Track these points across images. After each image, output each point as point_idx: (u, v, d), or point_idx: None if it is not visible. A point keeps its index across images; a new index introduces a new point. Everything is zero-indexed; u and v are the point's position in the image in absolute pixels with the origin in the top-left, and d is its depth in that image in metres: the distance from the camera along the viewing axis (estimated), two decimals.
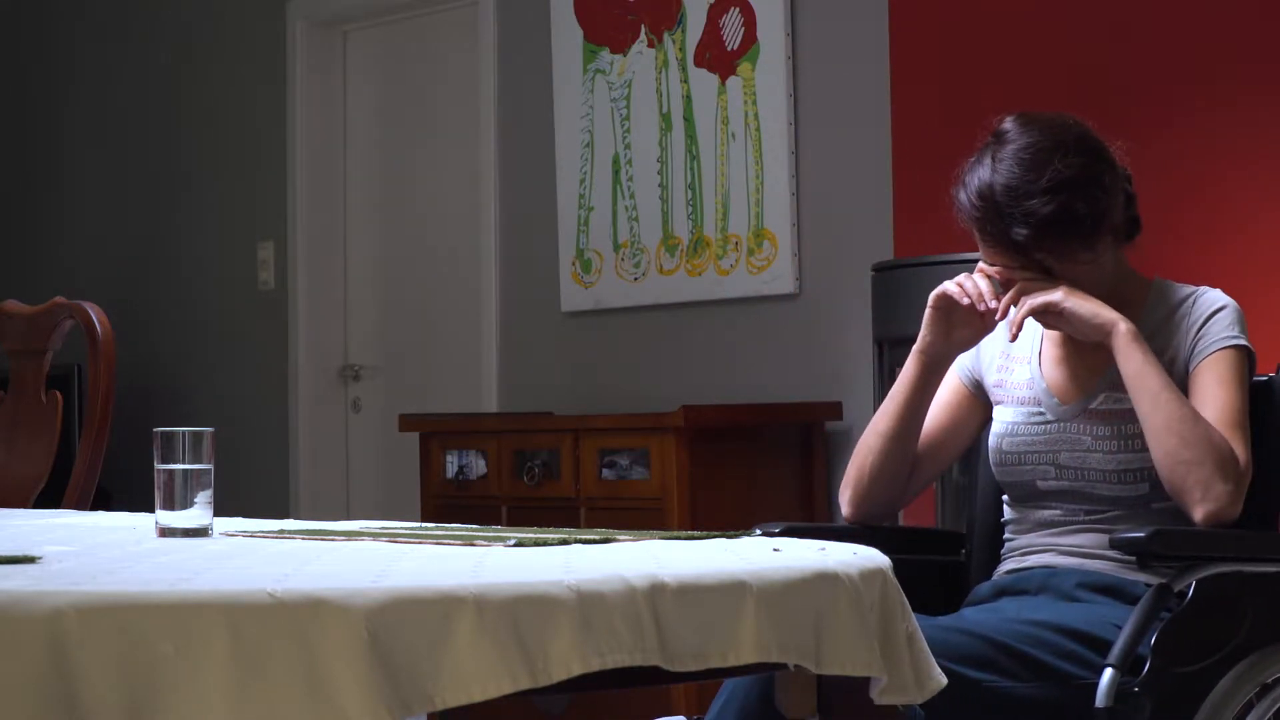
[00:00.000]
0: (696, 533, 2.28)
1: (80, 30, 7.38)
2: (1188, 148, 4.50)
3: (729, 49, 5.42)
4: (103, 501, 3.86)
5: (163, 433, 2.19)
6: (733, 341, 5.48)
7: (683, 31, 5.53)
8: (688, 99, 5.52)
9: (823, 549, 2.05)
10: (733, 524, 4.24)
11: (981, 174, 2.74)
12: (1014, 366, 2.90)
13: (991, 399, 2.92)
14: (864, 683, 1.97)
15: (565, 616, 1.67)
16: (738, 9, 5.39)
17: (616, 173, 5.69)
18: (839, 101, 5.23)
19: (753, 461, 5.08)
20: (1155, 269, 2.91)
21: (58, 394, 3.41)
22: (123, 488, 5.93)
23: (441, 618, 1.60)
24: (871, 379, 4.70)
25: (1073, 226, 2.70)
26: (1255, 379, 2.79)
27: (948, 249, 4.42)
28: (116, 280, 7.10)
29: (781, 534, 2.67)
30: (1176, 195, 4.49)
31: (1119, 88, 4.62)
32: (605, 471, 5.02)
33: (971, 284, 2.78)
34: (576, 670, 1.67)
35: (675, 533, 2.30)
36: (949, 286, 2.81)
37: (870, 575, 1.97)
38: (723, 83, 5.43)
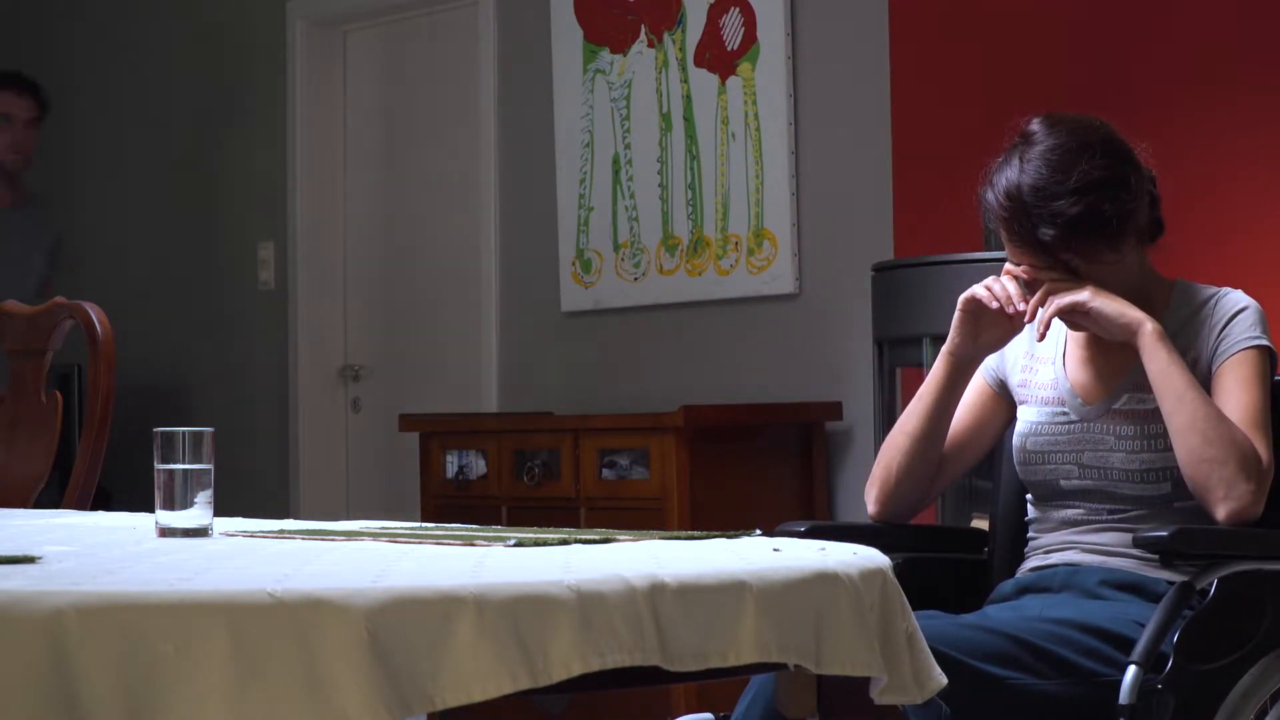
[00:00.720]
0: (696, 533, 2.28)
1: (80, 30, 7.38)
2: (1189, 148, 4.49)
3: (729, 49, 5.42)
4: (103, 501, 3.85)
5: (163, 433, 2.19)
6: (733, 341, 5.47)
7: (683, 31, 5.53)
8: (688, 99, 5.52)
9: (823, 549, 2.05)
10: (733, 524, 4.23)
11: (1009, 174, 2.76)
12: (1038, 367, 2.92)
13: (1015, 399, 2.95)
14: (864, 683, 1.97)
15: (565, 616, 1.67)
16: (738, 9, 5.39)
17: (616, 173, 5.69)
18: (839, 101, 5.23)
19: (753, 461, 5.08)
20: (1159, 268, 2.91)
21: (58, 394, 3.40)
22: (123, 488, 5.92)
23: (441, 618, 1.60)
24: (871, 379, 4.70)
25: (1099, 227, 2.72)
26: (1277, 379, 2.80)
27: (948, 249, 4.42)
28: (117, 280, 7.10)
29: (806, 533, 2.69)
30: (1176, 195, 4.48)
31: (1120, 88, 4.62)
32: (605, 471, 5.02)
33: (1000, 287, 2.80)
34: (576, 670, 1.67)
35: (675, 533, 2.30)
36: (978, 290, 2.82)
37: (870, 575, 1.97)
38: (723, 83, 5.43)
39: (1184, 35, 4.57)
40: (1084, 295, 2.74)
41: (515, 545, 2.04)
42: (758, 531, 2.51)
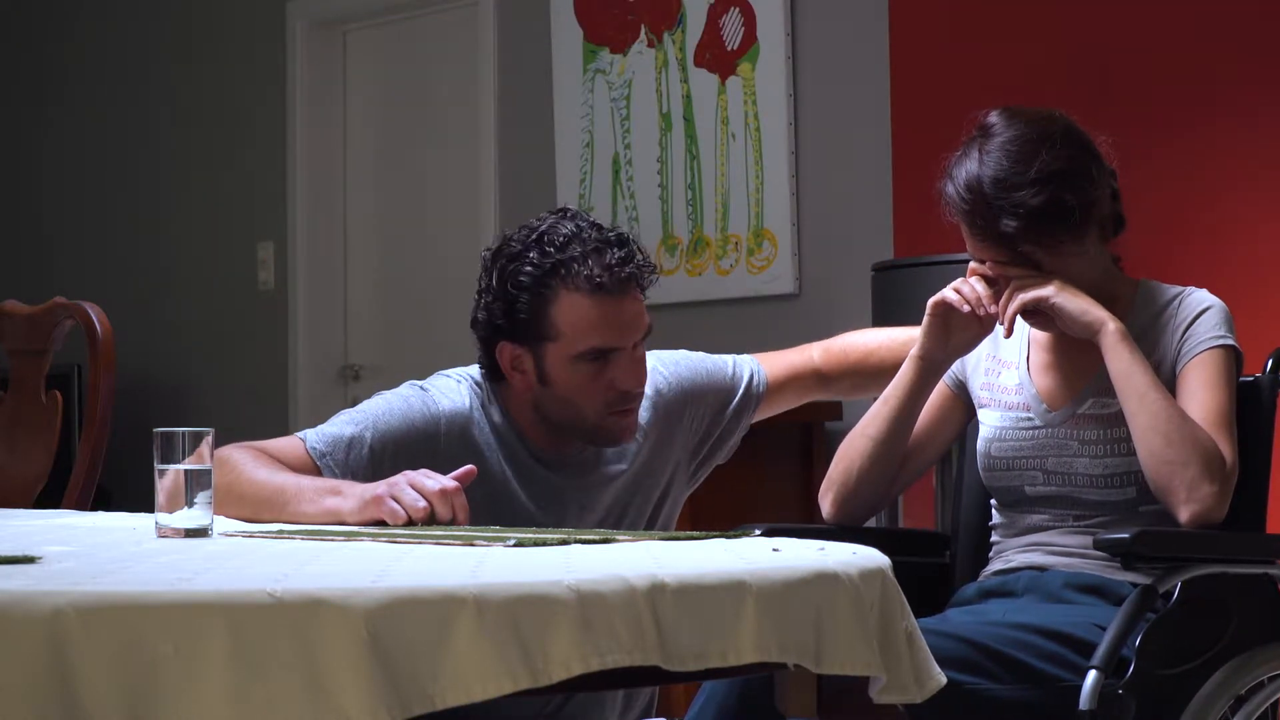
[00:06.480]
0: (696, 533, 2.28)
1: (80, 30, 7.38)
2: (1190, 148, 4.49)
3: (729, 49, 5.42)
4: (103, 501, 3.85)
5: (163, 433, 2.19)
6: (733, 341, 5.46)
7: (683, 31, 5.53)
8: (688, 99, 5.52)
9: (822, 549, 2.05)
10: (733, 524, 4.23)
11: (969, 166, 2.73)
12: (1002, 370, 2.88)
13: (976, 402, 2.90)
14: (864, 682, 1.97)
15: (565, 616, 1.67)
16: (738, 9, 5.39)
17: (616, 173, 5.69)
18: (839, 101, 5.23)
19: (753, 461, 5.07)
20: (1156, 269, 2.90)
21: (58, 394, 3.40)
22: (123, 488, 5.92)
23: (441, 618, 1.60)
24: None
25: (1062, 217, 2.68)
26: (1242, 379, 2.75)
27: (948, 249, 4.42)
28: (116, 280, 7.10)
29: (764, 535, 2.66)
30: (1178, 196, 4.48)
31: (1121, 89, 4.61)
32: None
33: (969, 289, 2.77)
34: (576, 670, 1.67)
35: (675, 533, 2.30)
36: (948, 294, 2.79)
37: (870, 575, 1.97)
38: (723, 83, 5.43)
39: (1185, 37, 4.57)
40: (1049, 290, 2.70)
41: (515, 545, 2.04)
42: (757, 531, 2.51)
